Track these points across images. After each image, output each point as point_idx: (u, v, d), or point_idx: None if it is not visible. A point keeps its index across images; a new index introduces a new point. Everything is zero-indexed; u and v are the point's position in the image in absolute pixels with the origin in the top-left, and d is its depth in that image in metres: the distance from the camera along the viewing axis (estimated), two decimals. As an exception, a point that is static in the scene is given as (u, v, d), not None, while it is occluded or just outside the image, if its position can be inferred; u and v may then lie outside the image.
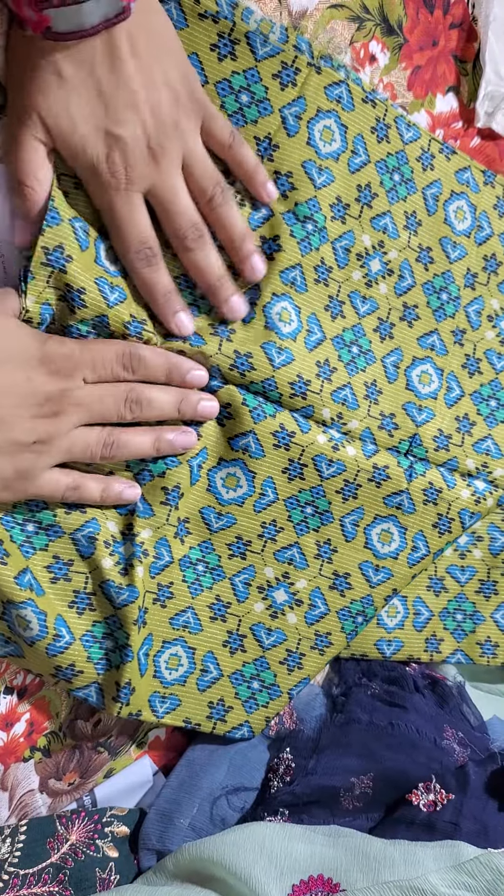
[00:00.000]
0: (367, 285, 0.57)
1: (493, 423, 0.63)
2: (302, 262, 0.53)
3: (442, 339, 0.61)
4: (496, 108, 0.63)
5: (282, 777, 0.58)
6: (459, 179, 0.60)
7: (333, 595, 0.58)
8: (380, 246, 0.57)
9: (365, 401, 0.57)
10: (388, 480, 0.57)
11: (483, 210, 0.62)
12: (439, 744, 0.59)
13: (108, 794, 0.57)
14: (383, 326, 0.58)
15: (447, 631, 0.65)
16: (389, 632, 0.63)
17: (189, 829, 0.55)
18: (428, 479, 0.59)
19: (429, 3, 0.58)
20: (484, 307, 0.63)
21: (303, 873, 0.49)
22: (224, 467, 0.53)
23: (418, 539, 0.59)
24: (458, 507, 0.60)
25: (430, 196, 0.59)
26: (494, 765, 0.58)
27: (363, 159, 0.55)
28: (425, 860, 0.49)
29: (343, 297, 0.56)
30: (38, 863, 0.51)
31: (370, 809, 0.57)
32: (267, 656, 0.56)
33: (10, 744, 0.52)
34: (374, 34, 0.56)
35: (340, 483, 0.56)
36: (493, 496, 0.62)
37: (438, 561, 0.65)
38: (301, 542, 0.56)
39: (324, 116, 0.52)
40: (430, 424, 0.59)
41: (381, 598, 0.59)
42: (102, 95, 0.41)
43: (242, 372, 0.52)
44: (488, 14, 0.59)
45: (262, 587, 0.56)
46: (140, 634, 0.51)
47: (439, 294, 0.60)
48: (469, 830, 0.53)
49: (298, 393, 0.54)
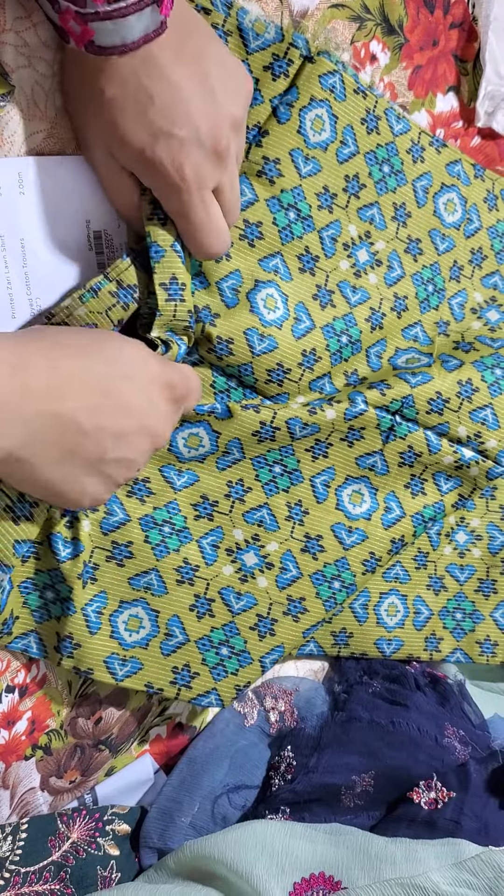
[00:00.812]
0: (356, 275, 0.57)
1: (496, 393, 0.61)
2: (283, 251, 0.53)
3: (425, 330, 0.61)
4: (496, 107, 0.64)
5: (283, 775, 0.58)
6: (450, 172, 0.60)
7: (306, 558, 0.56)
8: (366, 236, 0.57)
9: (346, 388, 0.57)
10: (361, 441, 0.56)
11: (473, 203, 0.62)
12: (440, 742, 0.59)
13: (110, 793, 0.57)
14: (375, 316, 0.58)
15: (447, 630, 0.65)
16: (389, 631, 0.63)
17: (190, 827, 0.56)
18: (408, 443, 0.58)
19: (429, 2, 0.58)
20: (467, 300, 0.63)
21: (304, 871, 0.49)
22: (186, 428, 0.52)
23: (391, 500, 0.58)
24: (435, 469, 0.59)
25: (419, 188, 0.59)
26: (495, 763, 0.58)
27: (352, 150, 0.55)
28: (426, 858, 0.49)
29: (332, 286, 0.56)
30: (40, 861, 0.51)
31: (371, 807, 0.57)
32: (237, 621, 0.55)
33: (12, 742, 0.52)
34: (375, 34, 0.56)
35: (311, 442, 0.55)
36: (481, 466, 0.60)
37: (438, 560, 0.65)
38: (271, 503, 0.55)
39: (316, 105, 0.52)
40: (429, 386, 0.58)
41: (358, 561, 0.58)
42: (154, 105, 0.41)
43: (220, 356, 0.51)
44: (488, 14, 0.59)
45: (231, 549, 0.54)
46: (87, 590, 0.50)
47: (426, 286, 0.60)
48: (470, 828, 0.53)
49: (275, 380, 0.53)
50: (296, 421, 0.53)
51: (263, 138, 0.51)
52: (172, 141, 0.42)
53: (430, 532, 0.64)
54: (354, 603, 0.62)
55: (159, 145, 0.41)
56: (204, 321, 0.51)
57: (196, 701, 0.54)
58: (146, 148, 0.42)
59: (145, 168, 0.43)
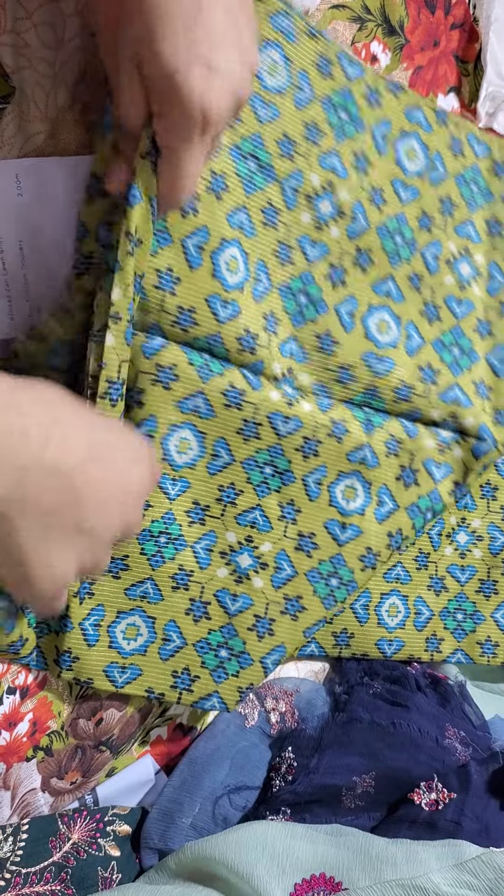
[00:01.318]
0: (318, 228, 0.54)
1: (457, 371, 0.60)
2: (247, 204, 0.51)
3: (398, 284, 0.58)
4: (497, 108, 0.64)
5: (284, 776, 0.58)
6: (410, 118, 0.58)
7: (300, 556, 0.56)
8: (329, 186, 0.54)
9: (318, 353, 0.55)
10: (348, 434, 0.55)
11: (437, 150, 0.60)
12: (441, 743, 0.59)
13: (110, 793, 0.57)
14: (335, 272, 0.55)
15: (447, 630, 0.65)
16: (390, 631, 0.63)
17: (191, 828, 0.56)
18: (388, 431, 0.57)
19: (430, 3, 0.58)
20: (441, 251, 0.60)
21: (305, 872, 0.49)
22: (175, 431, 0.51)
23: (383, 493, 0.57)
24: (422, 457, 0.58)
25: (378, 135, 0.56)
26: (496, 764, 0.58)
27: (308, 95, 0.53)
28: (427, 859, 0.49)
29: (292, 241, 0.53)
30: (41, 861, 0.51)
31: (372, 808, 0.57)
32: (234, 623, 0.54)
33: (13, 743, 0.52)
34: (376, 35, 0.56)
35: (300, 441, 0.54)
36: (463, 446, 0.59)
37: (439, 560, 0.65)
38: (263, 504, 0.54)
39: (268, 47, 0.50)
40: (393, 375, 0.57)
41: (354, 557, 0.57)
42: (201, 17, 0.37)
43: (185, 328, 0.49)
44: (489, 15, 0.59)
45: (225, 552, 0.54)
46: (83, 606, 0.50)
47: (393, 237, 0.57)
48: (471, 829, 0.53)
49: (246, 348, 0.51)
50: (277, 416, 0.52)
51: None
52: (209, 74, 0.38)
53: (430, 532, 0.64)
54: (355, 604, 0.62)
55: (193, 73, 0.37)
56: (164, 289, 0.48)
57: (199, 704, 0.54)
58: (179, 72, 0.37)
59: (169, 92, 0.38)
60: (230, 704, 0.55)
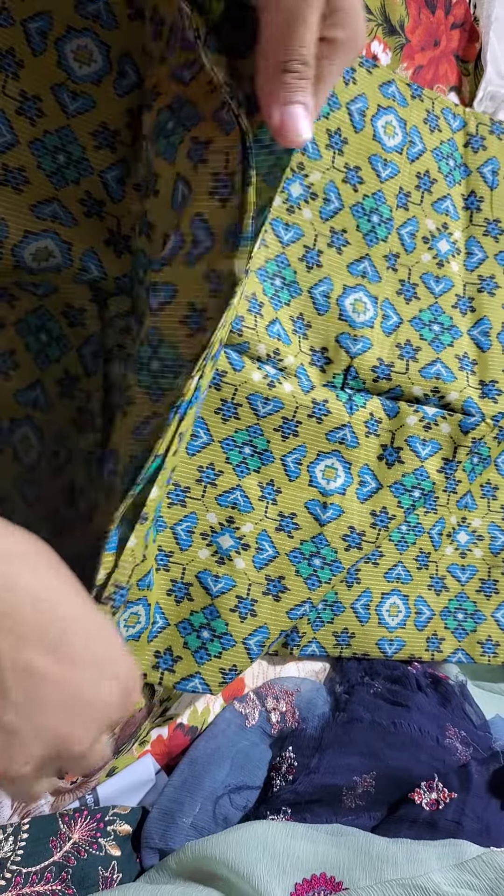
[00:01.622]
0: (289, 211, 0.54)
1: (439, 347, 0.60)
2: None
3: (374, 264, 0.58)
4: (497, 107, 0.64)
5: (284, 775, 0.58)
6: (385, 93, 0.57)
7: (281, 537, 0.55)
8: (299, 168, 0.54)
9: (294, 335, 0.55)
10: (328, 415, 0.55)
11: (413, 125, 0.59)
12: (442, 742, 0.59)
13: (111, 793, 0.57)
14: (310, 255, 0.55)
15: (448, 630, 0.65)
16: (391, 631, 0.63)
17: (191, 827, 0.56)
18: (369, 410, 0.57)
19: (430, 3, 0.58)
20: (418, 228, 0.60)
21: (305, 872, 0.49)
22: None
23: (364, 473, 0.57)
24: (405, 434, 0.58)
25: (355, 111, 0.56)
26: (497, 764, 0.58)
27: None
28: (428, 859, 0.49)
29: (265, 225, 0.54)
30: (41, 861, 0.51)
31: (373, 808, 0.57)
32: (216, 604, 0.54)
33: (13, 742, 0.52)
34: (377, 34, 0.56)
35: (278, 421, 0.54)
36: (450, 420, 0.59)
37: (440, 560, 0.65)
38: (243, 485, 0.54)
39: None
40: (369, 354, 0.57)
41: (337, 537, 0.57)
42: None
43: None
44: (490, 14, 0.60)
45: (206, 533, 0.53)
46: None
47: (370, 216, 0.57)
48: (471, 829, 0.53)
49: (234, 329, 0.51)
50: (257, 397, 0.52)
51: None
52: None
53: (431, 532, 0.64)
54: (356, 603, 0.62)
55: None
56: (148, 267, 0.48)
57: (181, 686, 0.54)
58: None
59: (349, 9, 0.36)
60: (213, 687, 0.54)
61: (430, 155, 0.60)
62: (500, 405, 0.61)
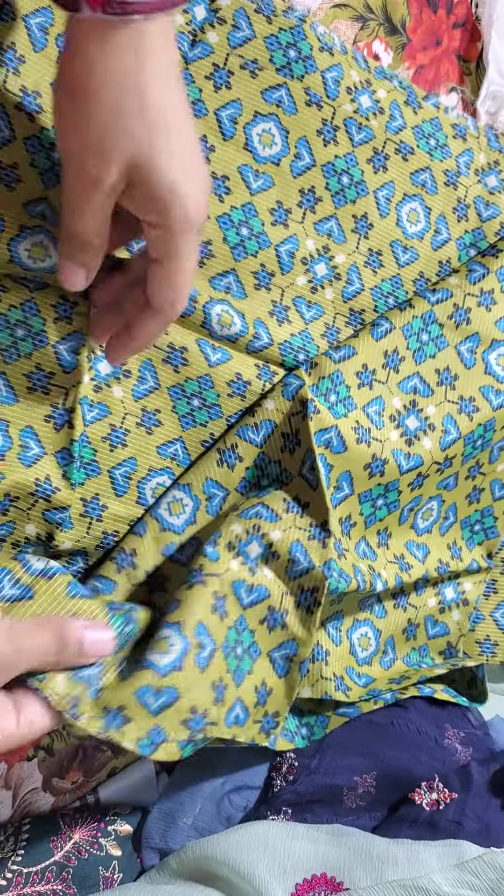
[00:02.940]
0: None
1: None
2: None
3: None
4: (499, 107, 0.63)
5: (285, 776, 0.58)
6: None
7: (368, 272, 0.58)
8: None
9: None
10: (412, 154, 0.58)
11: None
12: (441, 743, 0.59)
13: (112, 793, 0.57)
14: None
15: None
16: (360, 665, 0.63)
17: (192, 828, 0.56)
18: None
19: (432, 2, 0.58)
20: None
21: (306, 872, 0.49)
22: (258, 121, 0.52)
23: (440, 222, 0.60)
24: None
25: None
26: (497, 764, 0.58)
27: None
28: (429, 859, 0.49)
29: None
30: (42, 861, 0.51)
31: (373, 808, 0.57)
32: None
33: (14, 743, 0.52)
34: (378, 34, 0.56)
35: (370, 152, 0.56)
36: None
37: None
38: (338, 214, 0.56)
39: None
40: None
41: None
42: (187, 131, 0.38)
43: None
44: (491, 14, 0.59)
45: (306, 259, 0.55)
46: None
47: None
48: (472, 829, 0.54)
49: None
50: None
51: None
52: (204, 178, 0.39)
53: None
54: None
55: (191, 181, 0.37)
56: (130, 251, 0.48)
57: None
58: (178, 181, 0.37)
59: (164, 202, 0.37)
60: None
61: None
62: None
